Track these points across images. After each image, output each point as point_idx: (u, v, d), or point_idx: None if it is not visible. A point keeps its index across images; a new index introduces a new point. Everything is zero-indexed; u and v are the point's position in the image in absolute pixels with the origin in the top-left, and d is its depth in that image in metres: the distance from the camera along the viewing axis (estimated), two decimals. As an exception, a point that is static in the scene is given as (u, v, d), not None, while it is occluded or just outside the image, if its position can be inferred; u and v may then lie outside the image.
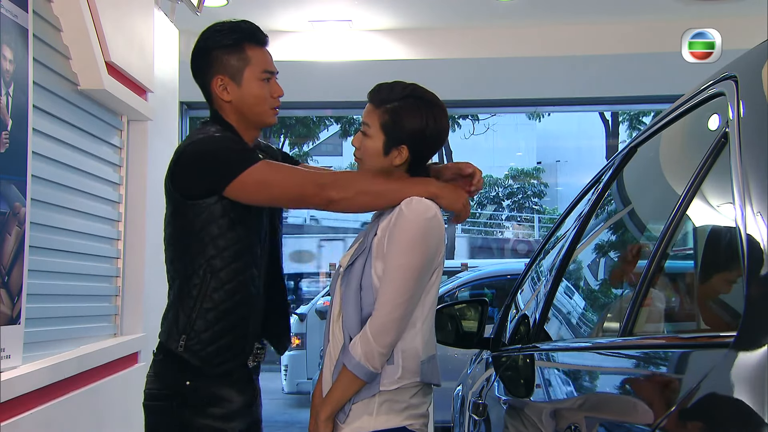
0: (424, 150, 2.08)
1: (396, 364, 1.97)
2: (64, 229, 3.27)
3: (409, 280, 1.95)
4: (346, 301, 2.02)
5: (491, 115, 16.63)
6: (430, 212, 1.99)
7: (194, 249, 2.16)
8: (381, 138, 2.04)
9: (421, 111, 2.04)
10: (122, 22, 3.71)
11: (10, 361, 2.62)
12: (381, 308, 1.95)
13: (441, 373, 2.07)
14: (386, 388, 1.97)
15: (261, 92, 2.22)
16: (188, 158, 2.15)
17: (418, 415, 2.02)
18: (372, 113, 2.05)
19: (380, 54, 5.77)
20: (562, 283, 2.30)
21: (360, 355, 1.93)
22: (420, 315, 2.01)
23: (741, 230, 1.14)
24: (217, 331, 2.15)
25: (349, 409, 1.99)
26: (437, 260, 2.02)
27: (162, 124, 4.41)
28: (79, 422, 3.22)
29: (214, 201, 2.12)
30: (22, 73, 2.68)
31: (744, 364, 1.02)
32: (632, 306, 1.56)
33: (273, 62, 2.27)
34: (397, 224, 1.98)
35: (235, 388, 2.21)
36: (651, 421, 1.20)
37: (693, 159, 1.48)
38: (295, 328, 8.68)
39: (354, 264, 2.04)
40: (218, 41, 2.23)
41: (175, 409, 2.15)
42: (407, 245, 1.95)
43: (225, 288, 2.15)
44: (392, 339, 1.94)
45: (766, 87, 1.31)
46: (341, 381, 1.98)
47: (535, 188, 21.37)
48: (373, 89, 2.08)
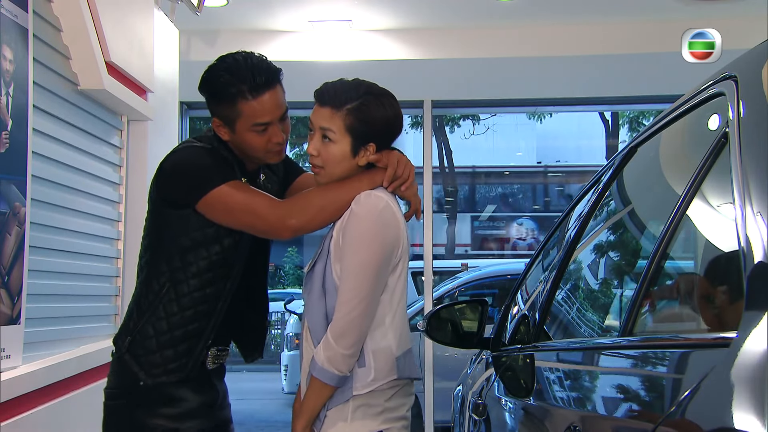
0: (389, 142, 2.07)
1: (368, 366, 1.94)
2: (64, 229, 3.27)
3: (366, 278, 1.91)
4: (310, 307, 2.00)
5: (491, 115, 16.62)
6: (381, 203, 1.97)
7: (160, 255, 2.15)
8: (347, 140, 2.00)
9: (383, 104, 2.02)
10: (122, 22, 3.71)
11: (10, 361, 2.62)
12: (339, 309, 1.92)
13: (441, 373, 2.06)
14: (359, 392, 1.94)
15: (254, 142, 2.13)
16: (168, 167, 2.16)
17: (395, 418, 1.98)
18: (333, 117, 1.99)
19: (380, 54, 5.77)
20: (562, 283, 2.30)
21: (323, 360, 1.90)
22: (388, 311, 1.98)
23: (741, 230, 1.14)
24: (162, 341, 2.13)
25: (324, 416, 1.96)
26: (397, 252, 1.99)
27: (162, 124, 4.41)
28: (79, 422, 3.22)
29: (192, 214, 2.10)
30: (22, 73, 2.68)
31: (744, 364, 1.02)
32: (632, 306, 1.56)
33: (276, 105, 2.12)
34: (349, 222, 1.96)
35: (191, 387, 2.17)
36: (651, 421, 1.20)
37: (693, 159, 1.48)
38: (295, 328, 8.69)
39: (314, 268, 2.02)
40: (214, 91, 2.14)
41: (127, 409, 2.14)
42: (360, 242, 1.93)
43: (181, 302, 2.13)
44: (354, 339, 1.91)
45: (766, 87, 1.31)
46: (311, 389, 1.95)
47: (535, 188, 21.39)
48: (324, 92, 2.02)
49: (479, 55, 5.87)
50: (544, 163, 21.39)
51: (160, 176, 2.17)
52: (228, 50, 2.20)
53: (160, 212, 2.17)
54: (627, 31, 5.71)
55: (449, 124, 16.16)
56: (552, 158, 21.30)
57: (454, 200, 17.77)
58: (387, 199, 2.00)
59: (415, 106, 6.33)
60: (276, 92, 2.13)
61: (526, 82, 6.38)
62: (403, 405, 2.01)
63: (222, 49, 2.26)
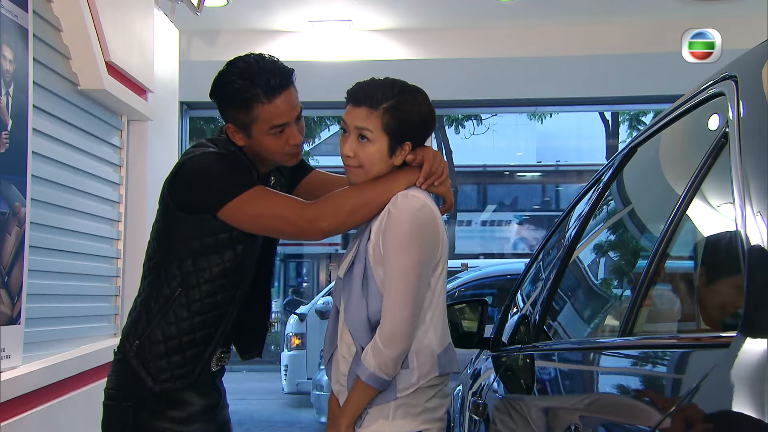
0: (423, 139, 2.06)
1: (411, 367, 1.94)
2: (64, 229, 3.27)
3: (411, 280, 1.91)
4: (350, 310, 1.98)
5: (492, 115, 16.62)
6: (418, 204, 1.95)
7: (172, 258, 2.11)
8: (384, 140, 1.98)
9: (417, 101, 2.00)
10: (122, 22, 3.71)
11: (10, 361, 2.62)
12: (387, 314, 1.91)
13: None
14: (402, 394, 1.94)
15: (272, 145, 2.10)
16: (187, 173, 2.11)
17: (434, 420, 1.99)
18: (370, 116, 1.97)
19: (380, 54, 5.77)
20: (562, 283, 2.30)
21: (374, 365, 1.90)
22: (429, 308, 1.97)
23: (741, 230, 1.14)
24: (171, 346, 2.10)
25: (365, 413, 1.97)
26: (438, 251, 1.98)
27: (162, 124, 4.41)
28: (79, 422, 3.22)
29: (206, 219, 2.08)
30: (22, 73, 2.68)
31: (744, 364, 1.02)
32: (632, 306, 1.56)
33: (292, 106, 2.10)
34: (388, 225, 1.94)
35: (196, 390, 2.16)
36: (651, 421, 1.20)
37: (693, 159, 1.48)
38: (295, 328, 8.69)
39: (352, 271, 2.00)
40: (228, 97, 2.10)
41: (131, 411, 2.11)
42: (401, 244, 1.91)
43: (192, 308, 2.10)
44: (404, 344, 1.91)
45: (766, 87, 1.31)
46: (357, 391, 1.95)
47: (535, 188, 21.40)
48: (359, 91, 2.00)
49: (479, 55, 5.87)
50: (544, 162, 21.39)
51: (178, 181, 2.12)
52: (228, 50, 2.18)
53: (172, 215, 2.12)
54: (627, 31, 5.71)
55: (452, 124, 16.16)
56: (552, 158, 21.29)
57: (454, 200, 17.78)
58: (424, 199, 1.98)
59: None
60: (291, 93, 2.11)
61: (526, 82, 6.38)
62: (441, 406, 2.02)
63: (222, 49, 2.25)
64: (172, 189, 2.13)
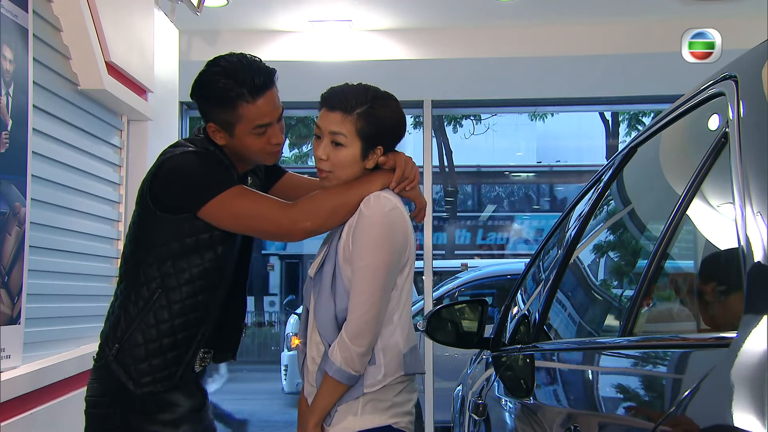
0: (395, 144, 2.10)
1: (378, 364, 1.99)
2: (64, 229, 3.27)
3: (378, 279, 1.95)
4: (319, 309, 2.01)
5: (492, 115, 16.62)
6: (389, 205, 1.99)
7: (151, 260, 2.09)
8: (358, 144, 2.02)
9: (390, 107, 2.05)
10: (122, 22, 3.71)
11: (10, 361, 2.62)
12: (354, 311, 1.95)
13: (441, 373, 2.08)
14: (369, 389, 1.98)
15: (253, 144, 2.11)
16: (167, 172, 2.10)
17: (403, 413, 2.03)
18: (344, 121, 2.00)
19: (380, 54, 5.77)
20: (562, 283, 2.30)
21: (340, 360, 1.94)
22: (396, 308, 2.02)
23: (741, 230, 1.14)
24: (151, 349, 2.09)
25: (334, 411, 2.00)
26: (406, 253, 2.02)
27: (162, 124, 4.41)
28: (79, 422, 3.21)
29: (186, 219, 2.07)
30: (22, 73, 2.68)
31: (744, 364, 1.02)
32: (632, 306, 1.56)
33: (275, 106, 2.11)
34: (358, 225, 1.98)
35: (182, 392, 2.15)
36: (651, 421, 1.20)
37: (693, 159, 1.48)
38: (295, 328, 8.69)
39: (323, 270, 2.03)
40: (211, 96, 2.10)
41: (119, 416, 2.09)
42: (371, 244, 1.96)
43: (172, 309, 2.08)
44: (370, 340, 1.95)
45: (766, 87, 1.31)
46: (325, 388, 1.98)
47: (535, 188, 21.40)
48: (333, 96, 2.02)
49: (479, 55, 5.87)
50: (544, 163, 21.40)
51: (157, 181, 2.11)
52: (228, 50, 2.17)
53: (152, 216, 2.10)
54: (627, 31, 5.71)
55: (452, 124, 16.17)
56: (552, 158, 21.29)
57: (454, 200, 17.77)
58: (395, 201, 2.02)
59: (415, 106, 6.33)
60: (273, 93, 2.12)
61: (527, 82, 6.37)
62: (409, 401, 2.06)
63: (222, 49, 2.24)
64: (151, 189, 2.11)
